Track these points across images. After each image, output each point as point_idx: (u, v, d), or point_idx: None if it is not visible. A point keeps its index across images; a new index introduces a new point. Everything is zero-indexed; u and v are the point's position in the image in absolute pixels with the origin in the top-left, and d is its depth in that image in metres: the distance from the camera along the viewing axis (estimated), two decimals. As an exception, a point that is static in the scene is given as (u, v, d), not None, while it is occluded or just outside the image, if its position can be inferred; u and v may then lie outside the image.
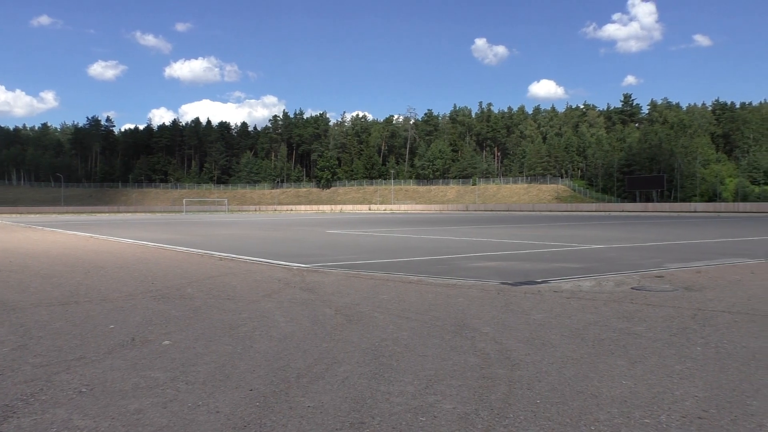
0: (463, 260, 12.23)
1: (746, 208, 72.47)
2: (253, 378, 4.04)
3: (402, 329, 5.53)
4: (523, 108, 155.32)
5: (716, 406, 3.43)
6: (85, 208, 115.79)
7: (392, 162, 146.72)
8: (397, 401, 3.55)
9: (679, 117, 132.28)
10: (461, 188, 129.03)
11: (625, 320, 5.85)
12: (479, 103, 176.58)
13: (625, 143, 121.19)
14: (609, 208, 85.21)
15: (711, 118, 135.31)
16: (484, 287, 8.13)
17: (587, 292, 7.67)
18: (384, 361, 4.45)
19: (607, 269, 10.17)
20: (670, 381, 3.91)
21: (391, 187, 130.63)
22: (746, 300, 6.96)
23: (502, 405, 3.46)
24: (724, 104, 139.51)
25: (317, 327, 5.67)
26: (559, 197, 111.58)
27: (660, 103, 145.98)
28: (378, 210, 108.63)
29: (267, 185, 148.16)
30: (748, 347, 4.76)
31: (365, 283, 8.72)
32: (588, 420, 3.23)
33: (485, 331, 5.40)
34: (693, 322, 5.72)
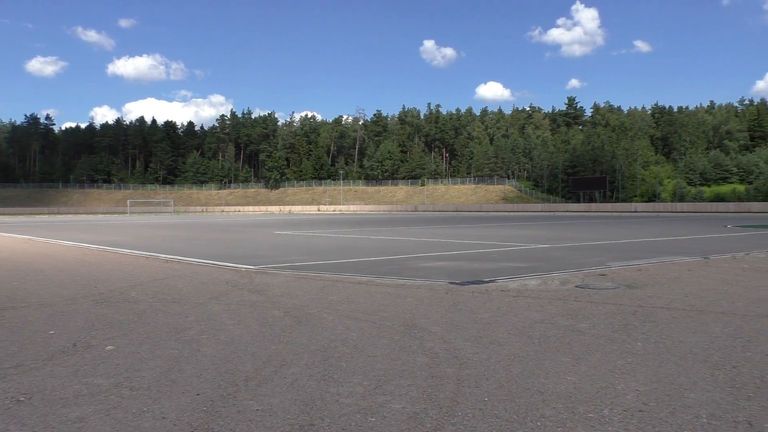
0: (412, 260, 12.30)
1: (683, 208, 75.15)
2: (200, 382, 3.96)
3: (351, 330, 5.52)
4: (470, 110, 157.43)
5: (656, 399, 3.54)
6: (24, 210, 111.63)
7: (341, 162, 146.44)
8: (347, 402, 3.54)
9: (620, 120, 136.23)
10: (410, 189, 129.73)
11: (570, 318, 5.99)
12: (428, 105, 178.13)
13: (569, 145, 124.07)
14: (554, 209, 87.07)
15: (650, 122, 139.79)
16: (433, 287, 8.19)
17: (533, 290, 7.81)
18: (333, 362, 4.43)
19: (553, 268, 10.39)
20: (613, 376, 4.01)
21: (341, 188, 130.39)
22: (684, 297, 7.21)
23: (451, 403, 3.49)
24: (663, 108, 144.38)
25: (266, 329, 5.61)
26: (506, 198, 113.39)
27: (602, 106, 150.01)
28: (327, 211, 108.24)
29: (214, 186, 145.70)
30: (686, 342, 4.94)
31: (314, 284, 8.68)
32: (534, 416, 3.29)
33: (434, 331, 5.44)
34: (634, 319, 5.90)
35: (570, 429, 3.11)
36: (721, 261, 11.25)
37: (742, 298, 7.04)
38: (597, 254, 13.28)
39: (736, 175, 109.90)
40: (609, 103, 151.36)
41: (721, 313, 6.19)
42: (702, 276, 9.12)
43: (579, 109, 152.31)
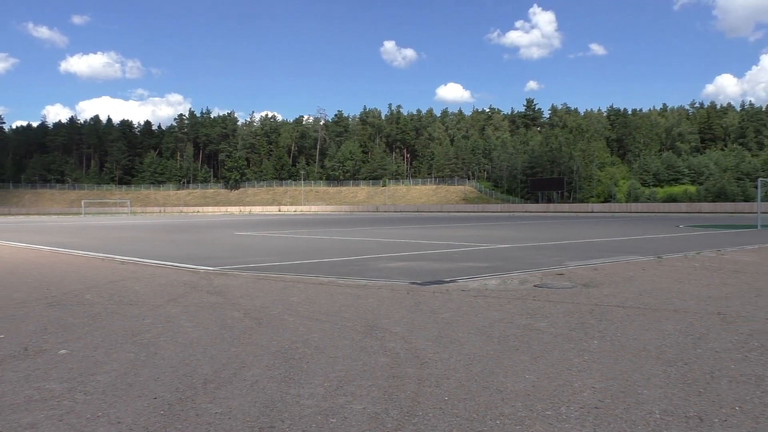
0: (373, 261, 12.32)
1: (638, 209, 76.99)
2: (157, 385, 3.90)
3: (312, 331, 5.50)
4: (431, 110, 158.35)
5: (611, 396, 3.62)
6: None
7: (302, 163, 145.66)
8: (308, 404, 3.52)
9: (577, 122, 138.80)
10: (371, 189, 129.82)
11: (529, 317, 6.08)
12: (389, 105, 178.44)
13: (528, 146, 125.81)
14: (513, 209, 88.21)
15: (606, 123, 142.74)
16: (394, 287, 8.22)
17: (493, 290, 7.90)
18: (294, 363, 4.41)
19: (512, 268, 10.52)
20: (570, 374, 4.09)
21: (302, 188, 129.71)
22: (638, 295, 7.39)
23: (412, 403, 3.51)
24: (618, 110, 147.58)
25: (225, 331, 5.55)
26: (466, 198, 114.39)
27: (560, 108, 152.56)
28: (288, 211, 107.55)
29: (172, 186, 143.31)
30: (639, 339, 5.06)
31: (275, 285, 8.62)
32: (494, 414, 3.33)
33: (395, 331, 5.46)
34: (591, 317, 6.02)
35: (528, 427, 3.15)
36: (674, 260, 11.56)
37: (694, 296, 7.25)
38: (555, 254, 13.51)
39: (688, 176, 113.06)
40: (566, 105, 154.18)
41: (673, 311, 6.36)
42: (655, 275, 9.35)
43: (537, 110, 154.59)
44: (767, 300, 6.98)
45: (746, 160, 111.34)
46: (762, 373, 4.05)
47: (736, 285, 8.20)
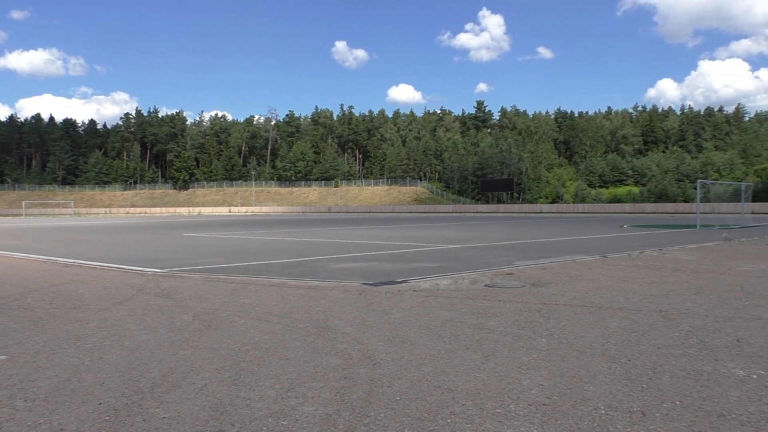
0: (325, 262, 12.28)
1: (584, 209, 78.80)
2: (102, 391, 3.80)
3: (263, 333, 5.45)
4: (383, 111, 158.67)
5: (558, 393, 3.70)
6: None
7: (253, 163, 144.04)
8: (258, 406, 3.49)
9: (526, 124, 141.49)
10: (323, 190, 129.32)
11: (479, 316, 6.16)
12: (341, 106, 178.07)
13: (478, 147, 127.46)
14: (464, 209, 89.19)
15: (554, 126, 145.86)
16: (346, 288, 8.21)
17: (444, 290, 7.98)
18: (245, 366, 4.36)
19: (463, 268, 10.64)
20: (519, 372, 4.16)
21: (253, 189, 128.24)
22: (584, 294, 7.57)
23: (364, 404, 3.51)
24: (565, 113, 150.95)
25: (174, 334, 5.45)
26: (418, 199, 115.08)
27: (509, 111, 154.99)
28: (239, 212, 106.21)
29: (119, 186, 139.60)
30: (586, 337, 5.19)
31: (225, 287, 8.50)
32: (445, 413, 3.37)
33: (347, 332, 5.45)
34: (539, 316, 6.14)
35: (478, 425, 3.20)
36: (618, 259, 11.88)
37: (637, 294, 7.47)
38: (505, 254, 13.72)
39: (631, 178, 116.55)
40: (515, 107, 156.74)
41: (618, 308, 6.54)
42: (601, 274, 9.60)
43: (487, 112, 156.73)
44: (706, 297, 7.24)
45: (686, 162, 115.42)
46: (701, 368, 4.20)
47: (677, 283, 8.48)
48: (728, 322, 5.78)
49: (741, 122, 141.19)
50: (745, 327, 5.53)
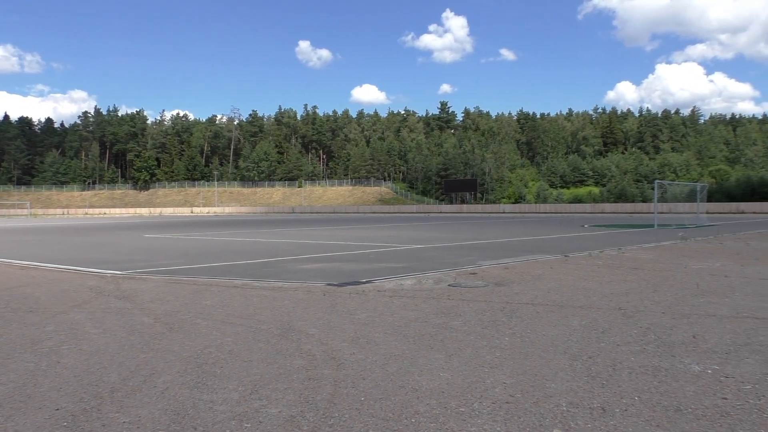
0: (289, 262, 12.20)
1: (546, 209, 79.96)
2: (59, 396, 3.71)
3: (226, 335, 5.39)
4: (347, 112, 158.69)
5: (521, 390, 3.75)
6: None
7: (216, 163, 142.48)
8: (221, 409, 3.45)
9: (489, 125, 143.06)
10: (287, 190, 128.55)
11: (443, 316, 6.19)
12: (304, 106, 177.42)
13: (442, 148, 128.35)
14: (428, 210, 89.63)
15: (516, 127, 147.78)
16: (310, 289, 8.17)
17: (408, 290, 8.00)
18: (207, 368, 4.30)
19: (427, 268, 10.69)
20: (482, 371, 4.20)
21: (215, 189, 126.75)
22: (546, 293, 7.68)
23: (328, 405, 3.50)
24: (527, 114, 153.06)
25: (134, 337, 5.35)
26: (382, 199, 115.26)
27: (473, 112, 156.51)
28: (201, 213, 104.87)
29: (77, 187, 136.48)
30: (548, 335, 5.26)
31: (187, 288, 8.38)
32: (409, 413, 3.38)
33: (311, 333, 5.43)
34: (502, 315, 6.20)
35: (442, 424, 3.22)
36: (579, 258, 12.09)
37: (597, 293, 7.61)
38: (468, 253, 13.83)
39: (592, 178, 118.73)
40: (479, 108, 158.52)
41: (579, 307, 6.65)
42: (562, 273, 9.75)
43: (451, 113, 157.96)
44: (663, 295, 7.41)
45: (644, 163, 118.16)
46: (658, 364, 4.30)
47: (636, 281, 8.67)
48: (684, 318, 5.92)
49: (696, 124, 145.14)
50: (700, 324, 5.68)
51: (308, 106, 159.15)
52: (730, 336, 5.15)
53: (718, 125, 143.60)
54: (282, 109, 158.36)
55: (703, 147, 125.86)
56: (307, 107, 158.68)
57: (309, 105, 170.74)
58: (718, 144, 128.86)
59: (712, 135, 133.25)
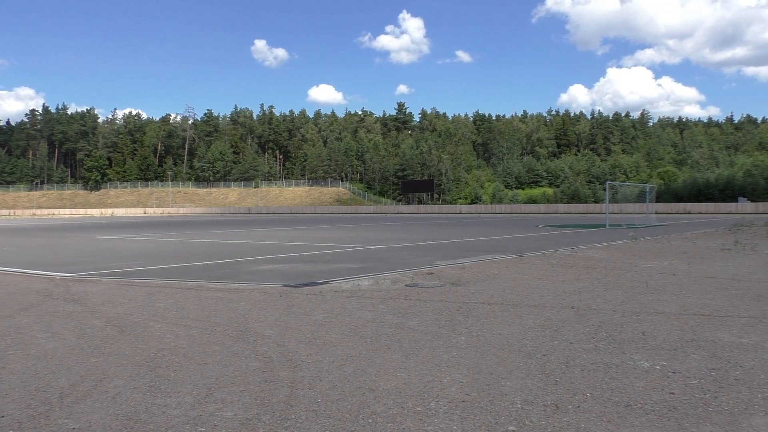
0: (245, 264, 12.07)
1: (502, 210, 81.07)
2: (5, 403, 3.59)
3: (180, 338, 5.30)
4: (304, 112, 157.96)
5: (477, 389, 3.79)
6: None
7: (170, 163, 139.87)
8: (175, 413, 3.39)
9: (446, 126, 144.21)
10: (243, 191, 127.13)
11: (400, 316, 6.22)
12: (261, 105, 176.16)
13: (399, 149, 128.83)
14: (385, 210, 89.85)
15: (472, 128, 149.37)
16: (267, 290, 8.11)
17: (366, 290, 8.01)
18: (161, 372, 4.23)
19: (385, 268, 10.71)
20: (439, 370, 4.23)
21: (169, 190, 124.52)
22: (502, 292, 7.78)
23: (284, 407, 3.48)
24: (483, 116, 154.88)
25: (84, 341, 5.21)
26: (339, 200, 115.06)
27: (430, 113, 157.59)
28: (155, 214, 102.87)
29: (24, 187, 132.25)
30: (503, 334, 5.33)
31: (140, 291, 8.21)
32: (366, 413, 3.38)
33: (267, 335, 5.38)
34: (458, 314, 6.26)
35: (399, 424, 3.23)
36: (534, 258, 12.29)
37: (551, 292, 7.75)
38: (425, 254, 13.91)
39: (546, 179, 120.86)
40: (435, 109, 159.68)
41: (533, 306, 6.76)
42: (517, 272, 9.90)
43: (408, 114, 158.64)
44: (614, 294, 7.60)
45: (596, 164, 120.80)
46: (609, 361, 4.40)
47: (588, 280, 8.85)
48: (634, 316, 6.08)
49: (646, 127, 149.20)
50: (649, 321, 5.84)
51: (264, 106, 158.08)
52: (677, 333, 5.31)
53: (666, 128, 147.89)
54: (238, 108, 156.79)
55: (652, 149, 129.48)
56: (263, 107, 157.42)
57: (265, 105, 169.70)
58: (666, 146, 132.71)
59: (661, 137, 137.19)
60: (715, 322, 5.78)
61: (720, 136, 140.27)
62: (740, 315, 6.10)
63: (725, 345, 4.85)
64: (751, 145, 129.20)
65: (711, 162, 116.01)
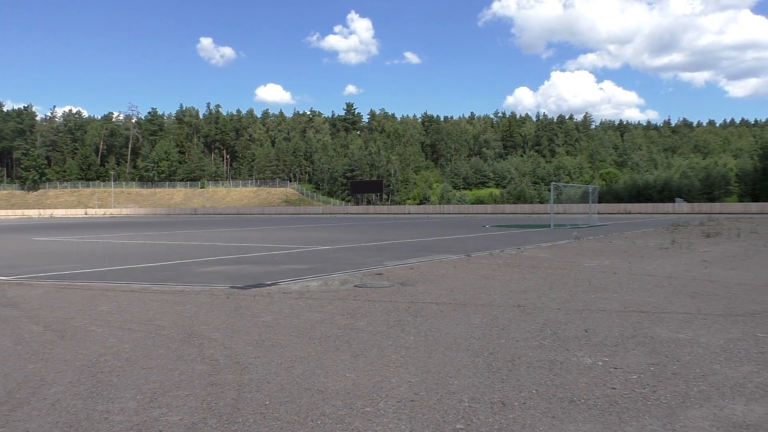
0: (191, 265, 11.85)
1: (450, 210, 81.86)
2: (-65, 413, 3.43)
3: (123, 342, 5.17)
4: (252, 111, 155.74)
5: (426, 388, 3.82)
6: None
7: (112, 163, 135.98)
8: (118, 419, 3.30)
9: (394, 127, 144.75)
10: (189, 191, 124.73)
11: (349, 316, 6.21)
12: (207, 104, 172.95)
13: (348, 149, 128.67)
14: (334, 211, 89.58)
15: (421, 129, 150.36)
16: (213, 292, 7.98)
17: (315, 291, 7.97)
18: (103, 377, 4.11)
19: (334, 269, 10.69)
20: (388, 370, 4.25)
21: (112, 190, 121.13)
22: (450, 292, 7.86)
23: (231, 410, 3.43)
24: (432, 117, 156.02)
25: (21, 347, 5.02)
26: (288, 200, 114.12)
27: (378, 113, 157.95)
28: (96, 214, 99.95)
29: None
30: (451, 333, 5.39)
31: (81, 294, 7.97)
32: (315, 415, 3.37)
33: (214, 337, 5.30)
34: (407, 314, 6.30)
35: (348, 425, 3.23)
36: (481, 258, 12.46)
37: (498, 291, 7.87)
38: (375, 254, 13.94)
39: (493, 180, 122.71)
40: (384, 110, 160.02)
41: (480, 305, 6.86)
42: (465, 272, 10.02)
43: (357, 115, 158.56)
44: (558, 292, 7.77)
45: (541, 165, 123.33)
46: (554, 358, 4.51)
47: (534, 279, 9.04)
48: (578, 314, 6.24)
49: (588, 129, 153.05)
50: (592, 318, 6.00)
51: (211, 105, 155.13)
52: (618, 329, 5.47)
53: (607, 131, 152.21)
54: (183, 107, 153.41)
55: (594, 151, 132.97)
56: (210, 106, 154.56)
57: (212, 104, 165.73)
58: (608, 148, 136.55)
59: (603, 140, 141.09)
60: (653, 318, 5.98)
61: (658, 139, 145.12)
62: (677, 311, 6.34)
63: (663, 340, 5.03)
64: (687, 147, 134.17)
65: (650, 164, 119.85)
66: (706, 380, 3.94)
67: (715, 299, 7.12)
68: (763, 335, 5.20)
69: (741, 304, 6.76)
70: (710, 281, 8.70)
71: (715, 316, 6.06)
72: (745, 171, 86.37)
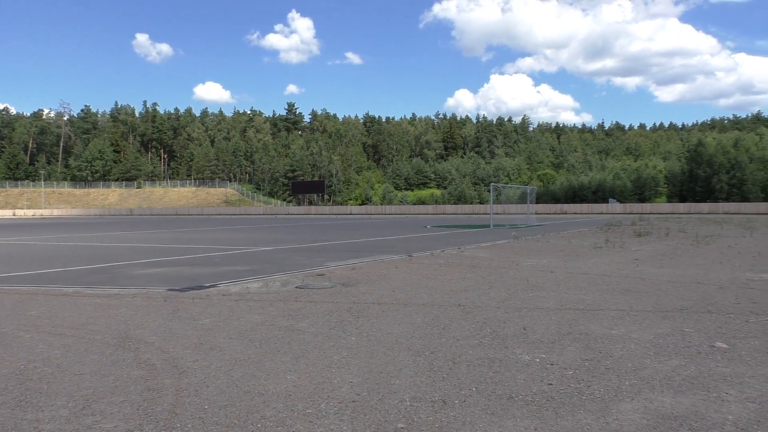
0: (126, 267, 11.52)
1: (391, 210, 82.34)
2: None
3: (54, 348, 4.98)
4: (190, 110, 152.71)
5: (367, 389, 3.82)
6: None
7: (42, 161, 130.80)
8: (48, 428, 3.18)
9: (336, 127, 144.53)
10: (125, 191, 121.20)
11: (290, 318, 6.16)
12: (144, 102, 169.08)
13: (289, 149, 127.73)
14: (276, 211, 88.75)
15: (363, 130, 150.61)
16: (150, 295, 7.78)
17: (255, 293, 7.87)
18: (32, 385, 3.95)
19: (275, 270, 10.58)
20: (329, 371, 4.23)
21: (42, 190, 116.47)
22: (391, 292, 7.90)
23: (169, 416, 3.35)
24: (373, 118, 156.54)
25: (-58, 355, 4.77)
26: (228, 201, 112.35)
27: (320, 114, 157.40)
28: (26, 215, 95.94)
29: None
30: (393, 333, 5.42)
31: (7, 298, 7.63)
32: (255, 418, 3.32)
33: (151, 341, 5.17)
34: (349, 315, 6.29)
35: (289, 427, 3.20)
36: (422, 258, 12.57)
37: (439, 291, 7.96)
38: (316, 255, 13.87)
39: (434, 181, 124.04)
40: (326, 110, 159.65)
41: (422, 304, 6.91)
42: (407, 272, 10.09)
43: (298, 114, 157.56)
44: (498, 291, 7.92)
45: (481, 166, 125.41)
46: (493, 356, 4.58)
47: (474, 279, 9.17)
48: (516, 312, 6.37)
49: (526, 132, 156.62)
50: (530, 316, 6.13)
51: (148, 103, 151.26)
52: (555, 327, 5.61)
53: (545, 133, 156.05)
54: (119, 105, 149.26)
55: (532, 153, 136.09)
56: (146, 104, 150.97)
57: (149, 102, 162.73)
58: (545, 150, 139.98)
59: (540, 142, 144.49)
60: (588, 315, 6.16)
61: (593, 141, 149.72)
62: (610, 308, 6.55)
63: (597, 337, 5.19)
64: (619, 150, 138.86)
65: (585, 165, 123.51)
66: (637, 374, 4.08)
67: (645, 296, 7.40)
68: (690, 330, 5.44)
69: (670, 301, 7.04)
70: (641, 279, 9.03)
71: (645, 313, 6.29)
72: (673, 173, 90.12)
